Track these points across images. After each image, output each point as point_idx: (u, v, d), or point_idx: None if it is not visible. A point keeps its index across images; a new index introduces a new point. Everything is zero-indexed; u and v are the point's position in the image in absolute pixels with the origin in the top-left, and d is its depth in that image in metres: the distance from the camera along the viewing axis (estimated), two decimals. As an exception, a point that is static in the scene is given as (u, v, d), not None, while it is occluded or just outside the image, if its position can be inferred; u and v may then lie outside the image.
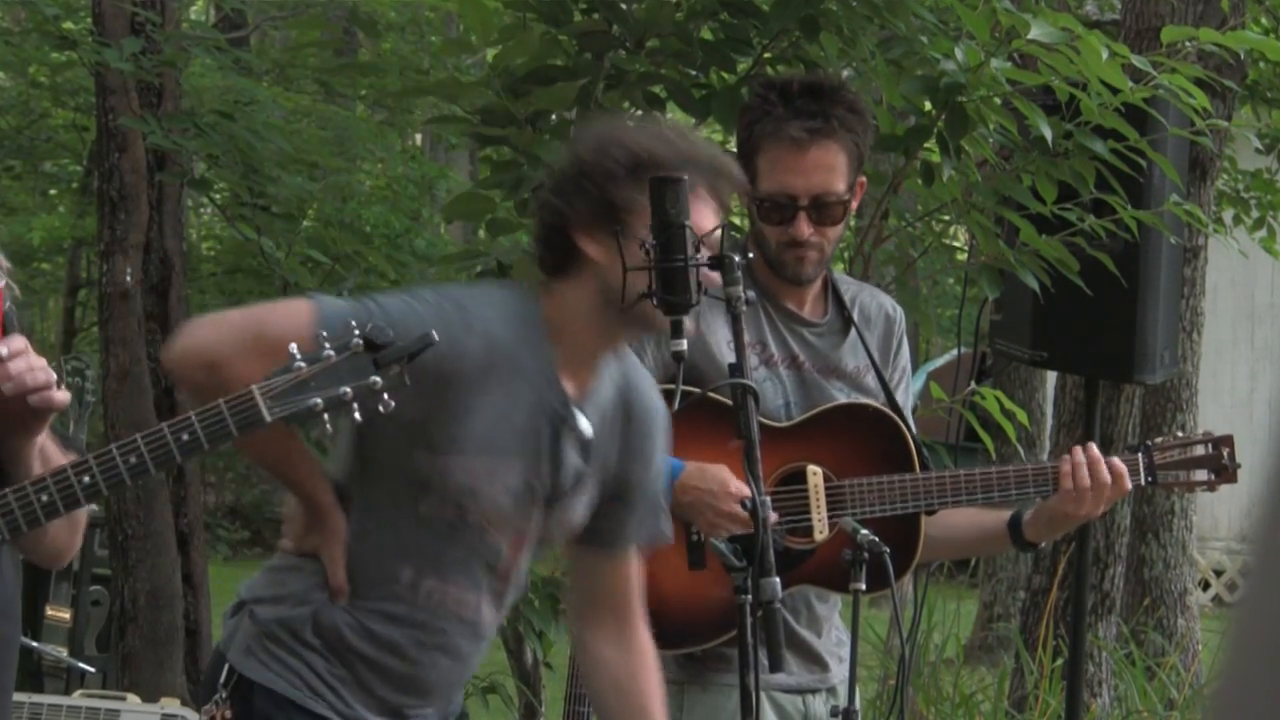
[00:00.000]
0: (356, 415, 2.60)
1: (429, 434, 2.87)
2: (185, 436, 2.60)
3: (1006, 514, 3.64)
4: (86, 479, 2.62)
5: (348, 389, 2.60)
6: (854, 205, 3.61)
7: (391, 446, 2.90)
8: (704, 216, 2.88)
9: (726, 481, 3.37)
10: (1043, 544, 3.73)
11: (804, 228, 3.47)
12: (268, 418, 2.59)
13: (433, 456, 2.89)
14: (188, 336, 2.92)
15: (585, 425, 2.97)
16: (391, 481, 2.93)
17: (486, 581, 2.99)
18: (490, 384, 2.87)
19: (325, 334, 2.67)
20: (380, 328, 2.62)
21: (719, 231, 2.90)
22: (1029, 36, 4.10)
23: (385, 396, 2.61)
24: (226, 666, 3.01)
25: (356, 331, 2.61)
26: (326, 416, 2.60)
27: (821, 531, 3.49)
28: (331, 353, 2.59)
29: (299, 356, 2.60)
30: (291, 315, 2.82)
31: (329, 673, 2.97)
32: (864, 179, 3.60)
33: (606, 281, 2.88)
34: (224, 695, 2.99)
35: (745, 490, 3.27)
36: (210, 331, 2.87)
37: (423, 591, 2.96)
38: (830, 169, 3.47)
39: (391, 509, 2.94)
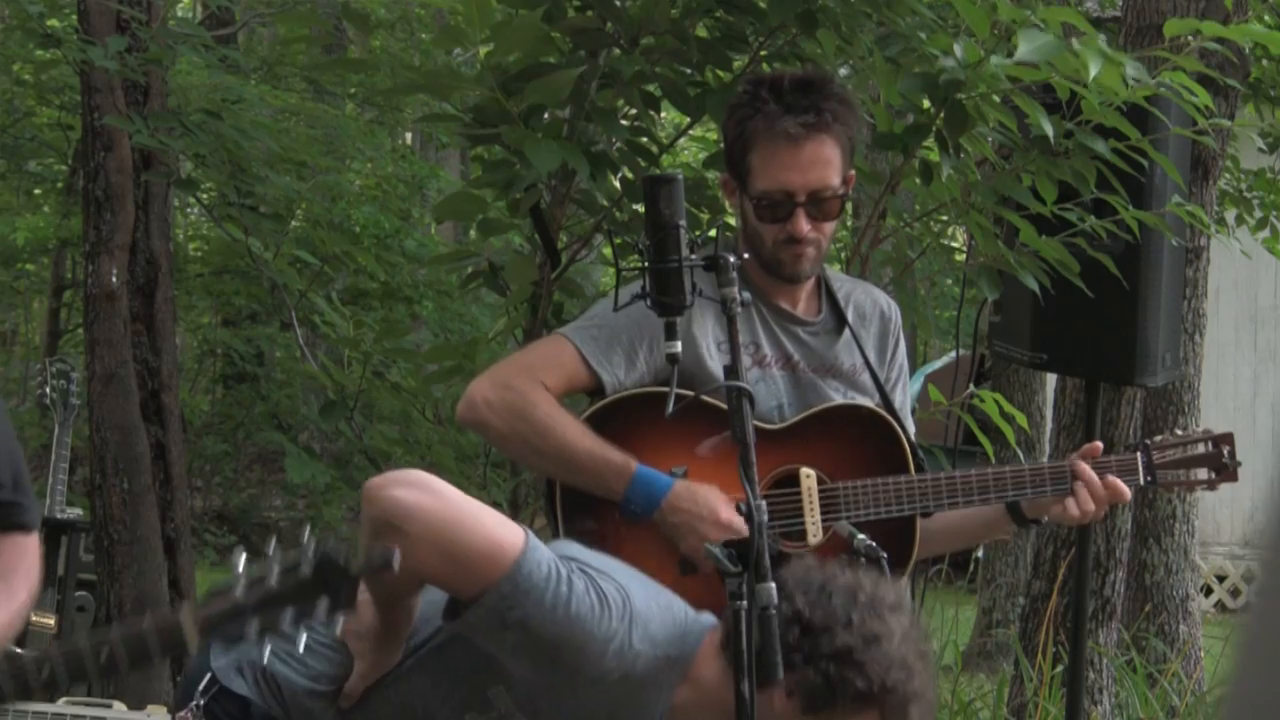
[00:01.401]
0: (301, 646, 2.50)
1: (521, 686, 2.85)
2: (104, 657, 2.48)
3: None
4: None
5: (290, 612, 2.46)
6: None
7: (484, 662, 2.87)
8: None
9: (716, 509, 3.34)
10: (1044, 519, 3.67)
11: (802, 224, 3.44)
12: (192, 649, 2.48)
13: (508, 698, 2.87)
14: (404, 494, 2.79)
15: None
16: (462, 680, 2.92)
17: None
18: (602, 697, 2.83)
19: (516, 578, 2.68)
20: (337, 547, 2.48)
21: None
22: (1016, 57, 4.03)
23: (336, 618, 2.50)
24: (210, 676, 2.99)
25: (310, 552, 2.48)
26: (266, 641, 2.48)
27: (815, 535, 3.45)
28: (274, 582, 2.46)
29: (241, 577, 2.46)
30: (496, 541, 2.74)
31: None
32: (852, 171, 3.55)
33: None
34: (200, 704, 2.97)
35: (736, 518, 3.24)
36: (417, 515, 2.75)
37: None
38: (826, 163, 3.43)
39: (444, 692, 2.94)
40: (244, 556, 2.53)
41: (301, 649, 2.54)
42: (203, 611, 2.46)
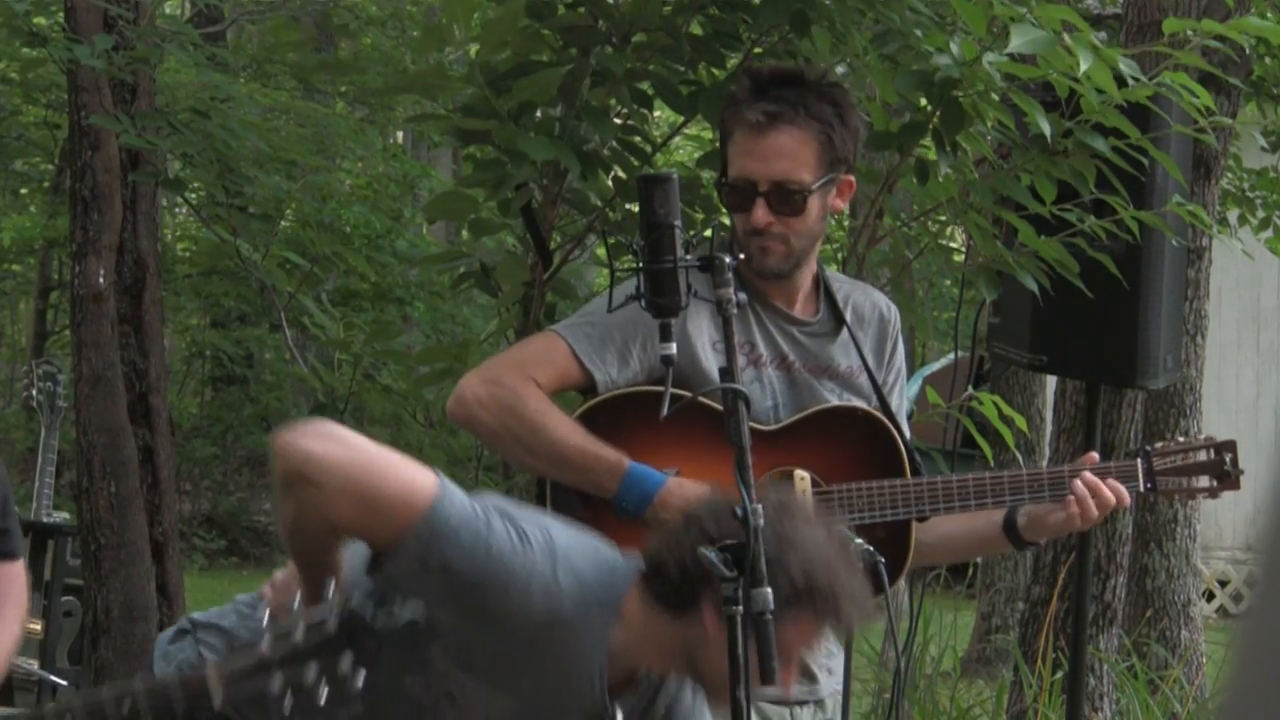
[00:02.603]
0: (321, 700, 2.50)
1: (454, 639, 2.79)
2: (126, 709, 2.52)
3: (999, 515, 3.56)
4: None
5: (314, 667, 2.49)
6: (839, 204, 3.51)
7: (412, 621, 2.81)
8: (806, 635, 2.77)
9: None
10: (1042, 541, 3.62)
11: (760, 215, 3.37)
12: (217, 703, 2.50)
13: (445, 657, 2.81)
14: (313, 444, 2.73)
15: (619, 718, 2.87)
16: (396, 643, 2.85)
17: None
18: (535, 641, 2.77)
19: (433, 521, 2.65)
20: (362, 603, 2.51)
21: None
22: (1008, 49, 3.97)
23: (359, 673, 2.51)
24: None
25: (335, 608, 2.52)
26: (289, 696, 2.50)
27: (812, 540, 3.39)
28: (299, 637, 2.49)
29: (267, 630, 2.51)
30: (410, 486, 2.72)
31: None
32: (851, 178, 3.48)
33: (697, 651, 2.74)
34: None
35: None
36: (329, 466, 2.70)
37: None
38: (791, 156, 3.36)
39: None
40: (269, 612, 2.59)
41: (322, 703, 2.50)
42: (227, 666, 2.50)
